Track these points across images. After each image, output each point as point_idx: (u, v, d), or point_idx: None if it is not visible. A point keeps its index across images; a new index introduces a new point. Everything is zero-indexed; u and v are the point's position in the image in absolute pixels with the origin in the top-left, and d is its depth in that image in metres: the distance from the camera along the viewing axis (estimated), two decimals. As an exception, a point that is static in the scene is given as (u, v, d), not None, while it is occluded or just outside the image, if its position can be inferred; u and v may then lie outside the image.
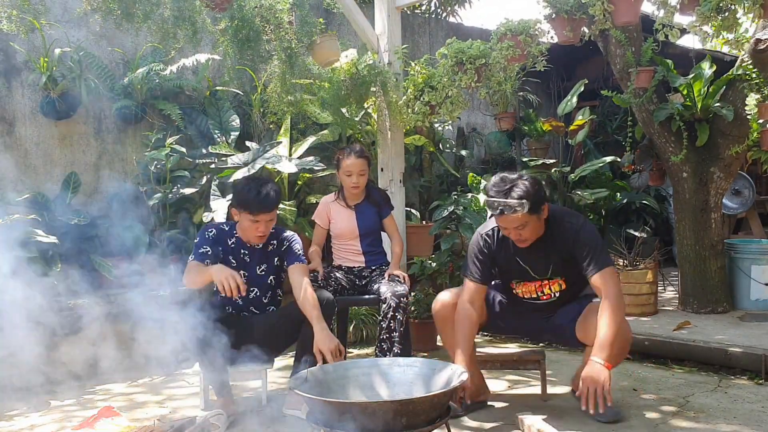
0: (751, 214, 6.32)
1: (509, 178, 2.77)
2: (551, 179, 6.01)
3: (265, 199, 3.11)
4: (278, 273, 3.33)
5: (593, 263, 2.79)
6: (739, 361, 3.67)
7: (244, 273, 3.23)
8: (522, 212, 2.70)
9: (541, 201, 2.78)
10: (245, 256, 3.26)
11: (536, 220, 2.80)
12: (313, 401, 2.37)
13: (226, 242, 3.25)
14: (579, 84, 5.83)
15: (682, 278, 4.80)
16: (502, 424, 2.99)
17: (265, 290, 3.30)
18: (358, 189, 3.84)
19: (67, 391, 3.67)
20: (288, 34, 3.77)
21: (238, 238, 3.27)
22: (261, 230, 3.14)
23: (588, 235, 2.84)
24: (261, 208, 3.10)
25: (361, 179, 3.82)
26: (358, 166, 3.79)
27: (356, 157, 3.79)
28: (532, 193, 2.71)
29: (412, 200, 6.30)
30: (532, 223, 2.79)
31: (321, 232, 3.96)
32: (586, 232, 2.85)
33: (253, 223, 3.12)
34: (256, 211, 3.10)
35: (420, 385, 2.65)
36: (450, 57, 4.16)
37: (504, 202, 2.70)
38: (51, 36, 4.56)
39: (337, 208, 3.93)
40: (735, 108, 4.36)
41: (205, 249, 3.18)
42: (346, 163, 3.81)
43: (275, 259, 3.30)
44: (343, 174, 3.83)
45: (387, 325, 3.49)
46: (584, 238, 2.83)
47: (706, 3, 3.29)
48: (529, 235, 2.83)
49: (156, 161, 4.53)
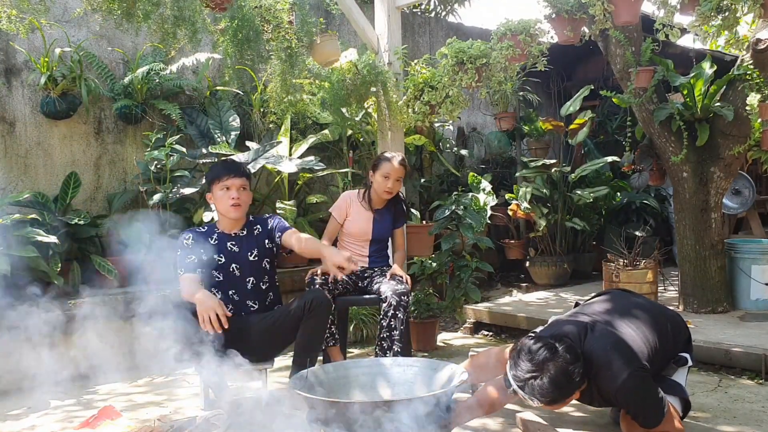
0: (751, 214, 6.32)
1: (536, 361, 2.33)
2: (551, 179, 6.02)
3: (231, 164, 3.19)
4: (271, 256, 3.31)
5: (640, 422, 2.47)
6: (739, 361, 3.67)
7: (237, 266, 3.20)
8: (536, 405, 2.39)
9: (566, 395, 2.37)
10: (233, 247, 3.23)
11: (558, 406, 2.46)
12: (313, 401, 2.37)
13: (207, 242, 3.21)
14: (584, 89, 5.82)
15: (682, 278, 4.80)
16: (502, 423, 3.00)
17: (262, 275, 3.26)
18: (390, 194, 3.83)
19: (68, 391, 3.67)
20: (288, 34, 3.77)
21: (220, 233, 3.24)
22: (234, 196, 3.12)
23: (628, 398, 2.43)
24: (228, 171, 3.15)
25: (396, 185, 3.82)
26: (398, 172, 3.78)
27: (398, 164, 3.79)
28: (550, 396, 2.32)
29: (412, 200, 6.31)
30: (554, 407, 2.48)
31: (335, 226, 3.92)
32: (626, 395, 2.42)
33: (226, 192, 3.13)
34: (224, 175, 3.13)
35: (420, 384, 2.66)
36: (450, 57, 4.16)
37: (519, 391, 2.38)
38: (51, 36, 4.56)
39: (358, 208, 3.91)
40: (735, 108, 4.35)
41: (190, 258, 3.14)
42: (387, 165, 3.78)
43: (265, 241, 3.28)
44: (380, 175, 3.79)
45: (387, 324, 3.48)
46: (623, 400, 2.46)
47: (706, 3, 3.30)
48: (556, 408, 2.53)
49: (156, 161, 4.53)
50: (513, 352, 2.43)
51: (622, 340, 2.51)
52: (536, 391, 2.31)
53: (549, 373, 2.29)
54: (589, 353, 2.43)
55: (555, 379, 2.29)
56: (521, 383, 2.34)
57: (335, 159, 5.77)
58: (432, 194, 6.40)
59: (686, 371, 2.75)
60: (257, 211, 5.03)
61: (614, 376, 2.38)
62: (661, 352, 2.60)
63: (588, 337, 2.49)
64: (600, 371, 2.41)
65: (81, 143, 4.83)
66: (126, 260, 4.48)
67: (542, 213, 5.77)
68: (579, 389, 2.39)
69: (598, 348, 2.45)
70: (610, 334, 2.52)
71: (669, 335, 2.69)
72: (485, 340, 4.62)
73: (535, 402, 2.34)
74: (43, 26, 4.38)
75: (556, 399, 2.34)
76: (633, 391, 2.40)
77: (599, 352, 2.43)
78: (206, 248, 3.19)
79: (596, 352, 2.44)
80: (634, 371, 2.39)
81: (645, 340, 2.54)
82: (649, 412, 2.40)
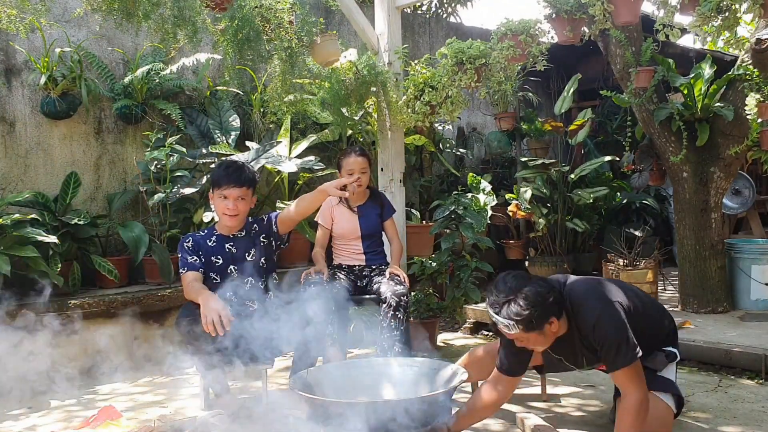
0: (751, 214, 6.32)
1: (509, 287, 2.40)
2: (551, 179, 6.01)
3: (234, 172, 3.12)
4: (270, 254, 3.31)
5: (608, 361, 2.48)
6: (739, 361, 3.67)
7: (235, 267, 3.21)
8: (515, 332, 2.40)
9: (544, 318, 2.38)
10: (231, 248, 3.24)
11: (538, 335, 2.42)
12: (313, 401, 2.37)
13: (206, 245, 3.23)
14: (573, 79, 5.80)
15: (682, 278, 4.80)
16: (503, 424, 3.00)
17: (260, 275, 3.27)
18: (360, 188, 3.85)
19: (68, 391, 3.67)
20: (288, 34, 3.77)
21: (218, 235, 3.26)
22: (229, 207, 3.11)
23: (604, 330, 2.45)
24: (228, 180, 3.10)
25: (363, 177, 3.83)
26: (359, 164, 3.81)
27: (357, 156, 3.81)
28: (525, 316, 2.34)
29: (412, 200, 6.31)
30: (534, 337, 2.43)
31: (324, 234, 3.97)
32: (602, 326, 2.45)
33: (223, 200, 3.12)
34: (224, 183, 3.11)
35: (420, 384, 2.66)
36: (450, 57, 4.16)
37: (495, 318, 2.41)
38: (51, 36, 4.56)
39: (340, 210, 3.94)
40: (735, 108, 4.36)
41: (192, 258, 3.17)
42: (347, 161, 3.82)
43: (261, 238, 3.28)
44: (345, 173, 3.84)
45: (387, 325, 3.49)
46: (599, 334, 2.46)
47: (706, 3, 3.29)
48: (534, 346, 2.51)
49: (156, 161, 4.53)
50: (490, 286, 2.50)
51: (603, 283, 2.64)
52: (513, 314, 2.35)
53: (523, 295, 2.36)
54: (570, 291, 2.53)
55: (528, 299, 2.35)
56: (497, 309, 2.38)
57: (335, 159, 5.76)
58: (432, 194, 6.40)
59: (675, 367, 2.76)
60: (257, 212, 5.03)
61: (593, 308, 2.47)
62: (643, 322, 2.61)
63: (570, 279, 2.61)
64: (580, 308, 2.49)
65: (81, 143, 4.83)
66: (125, 260, 4.50)
67: (542, 213, 5.76)
68: (556, 318, 2.42)
69: (579, 286, 2.56)
70: (592, 280, 2.69)
71: (654, 316, 2.74)
72: (485, 341, 4.62)
73: (513, 329, 2.37)
74: (43, 26, 4.37)
75: (532, 322, 2.36)
76: (609, 323, 2.44)
77: (579, 290, 2.55)
78: (204, 250, 3.21)
79: (576, 290, 2.55)
80: (612, 303, 2.49)
81: (626, 298, 2.59)
82: (621, 348, 2.42)
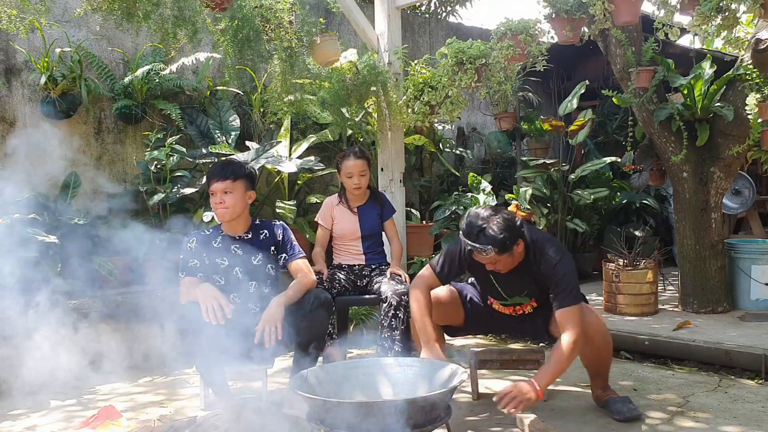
0: (751, 214, 6.32)
1: (480, 218, 2.73)
2: (551, 179, 6.02)
3: (217, 167, 3.14)
4: (277, 263, 3.27)
5: (559, 298, 2.80)
6: (739, 361, 3.68)
7: (240, 269, 3.18)
8: (490, 254, 2.72)
9: (513, 240, 2.74)
10: (237, 250, 3.20)
11: (508, 257, 2.78)
12: (313, 401, 2.37)
13: (210, 245, 3.19)
14: (580, 85, 5.82)
15: (682, 278, 4.80)
16: (502, 423, 2.99)
17: (265, 279, 3.22)
18: (360, 190, 3.85)
19: (68, 391, 3.67)
20: (288, 34, 3.77)
21: (224, 236, 3.23)
22: (217, 201, 3.11)
23: (563, 270, 2.82)
24: (212, 175, 3.12)
25: (363, 180, 3.83)
26: (358, 167, 3.80)
27: (356, 158, 3.81)
28: (500, 239, 2.68)
29: (412, 200, 6.31)
30: (504, 259, 2.79)
31: (324, 234, 3.96)
32: (562, 267, 2.83)
33: (212, 197, 3.13)
34: (210, 180, 3.12)
35: (421, 384, 2.66)
36: (450, 57, 4.16)
37: (471, 244, 2.72)
38: (51, 36, 4.56)
39: (341, 211, 3.94)
40: (735, 108, 4.35)
41: (193, 262, 3.14)
42: (346, 165, 3.82)
43: (271, 248, 3.24)
44: (344, 176, 3.84)
45: (388, 324, 3.49)
46: (559, 272, 2.81)
47: (706, 3, 3.30)
48: (502, 267, 2.85)
49: (156, 161, 4.53)
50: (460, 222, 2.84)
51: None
52: (489, 239, 2.68)
53: (495, 221, 2.71)
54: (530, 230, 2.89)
55: (501, 224, 2.70)
56: (474, 239, 2.71)
57: (335, 159, 5.76)
58: (432, 194, 6.40)
59: None
60: (257, 212, 5.03)
61: (558, 251, 2.86)
62: None
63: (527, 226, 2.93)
64: (544, 248, 2.86)
65: (81, 143, 4.83)
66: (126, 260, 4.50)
67: (542, 213, 5.76)
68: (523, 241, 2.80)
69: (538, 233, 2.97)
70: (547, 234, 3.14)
71: None
72: (486, 340, 4.62)
73: (489, 252, 2.70)
74: (43, 26, 4.38)
75: (506, 243, 2.70)
76: (568, 267, 2.84)
77: (542, 234, 2.99)
78: (210, 251, 3.18)
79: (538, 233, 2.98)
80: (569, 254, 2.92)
81: None
82: (573, 291, 2.81)
